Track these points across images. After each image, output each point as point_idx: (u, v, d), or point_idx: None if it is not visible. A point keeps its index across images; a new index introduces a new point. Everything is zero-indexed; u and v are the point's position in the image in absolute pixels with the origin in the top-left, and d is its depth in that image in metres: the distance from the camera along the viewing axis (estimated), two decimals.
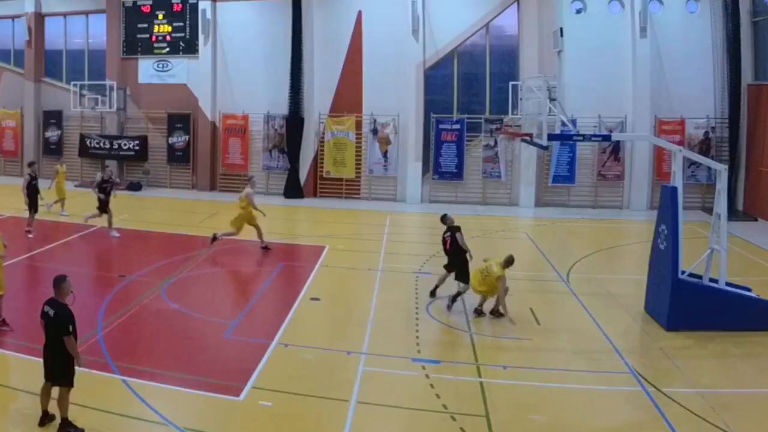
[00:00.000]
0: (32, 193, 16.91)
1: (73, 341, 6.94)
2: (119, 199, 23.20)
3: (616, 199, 22.40)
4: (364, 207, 22.39)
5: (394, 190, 23.57)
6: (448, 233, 11.81)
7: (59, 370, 7.00)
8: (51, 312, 7.00)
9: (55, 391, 7.09)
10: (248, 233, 15.58)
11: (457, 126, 22.88)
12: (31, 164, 18.15)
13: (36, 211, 17.04)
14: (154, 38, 25.53)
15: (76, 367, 7.09)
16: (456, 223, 12.04)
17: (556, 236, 18.68)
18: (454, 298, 11.43)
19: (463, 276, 11.40)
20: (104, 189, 16.89)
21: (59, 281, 7.14)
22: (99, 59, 26.29)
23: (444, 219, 12.13)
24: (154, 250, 15.91)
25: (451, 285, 11.70)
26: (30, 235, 16.19)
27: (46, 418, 7.14)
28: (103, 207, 16.83)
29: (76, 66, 26.97)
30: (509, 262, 10.83)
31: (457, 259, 11.61)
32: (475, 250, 13.00)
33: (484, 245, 12.89)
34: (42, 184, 18.15)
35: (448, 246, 11.79)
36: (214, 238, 15.28)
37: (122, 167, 25.90)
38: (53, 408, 7.14)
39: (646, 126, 21.40)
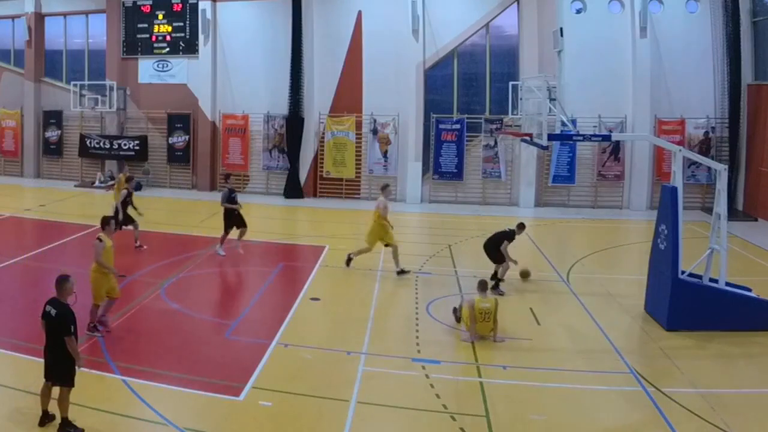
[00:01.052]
0: (126, 208, 15.72)
1: (74, 341, 6.94)
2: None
3: (616, 199, 22.40)
4: (364, 207, 22.31)
5: (394, 190, 23.53)
6: (506, 230, 12.69)
7: (60, 371, 6.99)
8: (53, 311, 6.98)
9: (56, 391, 7.09)
10: (250, 233, 15.51)
11: (457, 126, 22.88)
12: (129, 180, 16.67)
13: (134, 224, 15.60)
14: (154, 38, 25.52)
15: (77, 368, 7.09)
16: (516, 233, 12.68)
17: (556, 236, 18.69)
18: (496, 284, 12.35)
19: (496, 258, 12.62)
20: (233, 200, 14.98)
21: (62, 281, 7.13)
22: (99, 59, 26.28)
23: (520, 224, 12.97)
24: (154, 250, 15.89)
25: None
26: (144, 247, 15.36)
27: (46, 418, 7.14)
28: (237, 221, 14.95)
29: (76, 66, 26.97)
30: (484, 285, 10.44)
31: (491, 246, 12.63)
32: (475, 250, 13.03)
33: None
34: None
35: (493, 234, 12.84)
36: (349, 260, 13.89)
37: (122, 167, 25.88)
38: (53, 408, 7.14)
39: (646, 126, 21.39)
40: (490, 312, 10.01)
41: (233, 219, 14.91)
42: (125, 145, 25.58)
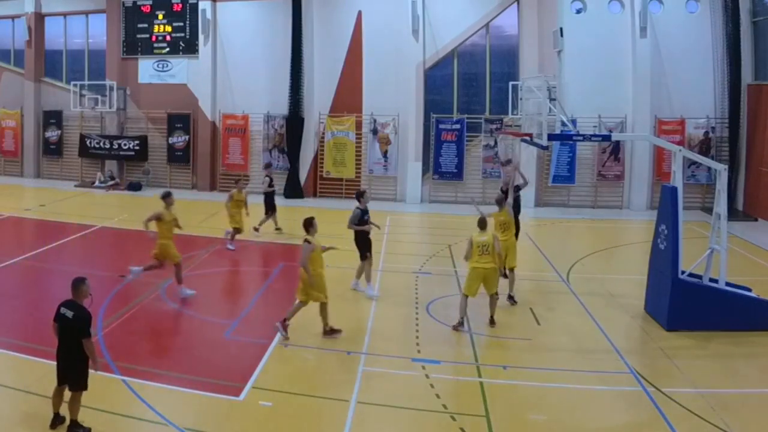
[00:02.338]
0: (271, 195, 17.13)
1: (92, 343, 6.88)
2: (120, 199, 23.35)
3: (616, 199, 22.39)
4: None
5: (394, 190, 23.57)
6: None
7: (74, 374, 6.92)
8: (69, 314, 6.88)
9: (67, 393, 7.05)
10: (250, 234, 15.48)
11: (457, 126, 22.88)
12: (267, 166, 18.12)
13: (273, 212, 17.17)
14: (154, 38, 25.52)
15: (93, 370, 7.04)
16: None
17: (556, 236, 18.69)
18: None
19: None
20: (365, 222, 12.53)
21: (78, 283, 7.05)
22: (99, 59, 26.28)
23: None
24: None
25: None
26: (258, 231, 16.81)
27: (57, 420, 7.09)
28: (367, 247, 12.50)
29: (76, 66, 26.96)
30: (483, 223, 10.81)
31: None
32: None
33: None
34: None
35: None
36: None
37: (122, 167, 25.94)
38: (64, 410, 7.12)
39: (646, 126, 21.38)
40: (487, 244, 10.34)
41: (366, 243, 12.54)
42: (125, 145, 25.57)
